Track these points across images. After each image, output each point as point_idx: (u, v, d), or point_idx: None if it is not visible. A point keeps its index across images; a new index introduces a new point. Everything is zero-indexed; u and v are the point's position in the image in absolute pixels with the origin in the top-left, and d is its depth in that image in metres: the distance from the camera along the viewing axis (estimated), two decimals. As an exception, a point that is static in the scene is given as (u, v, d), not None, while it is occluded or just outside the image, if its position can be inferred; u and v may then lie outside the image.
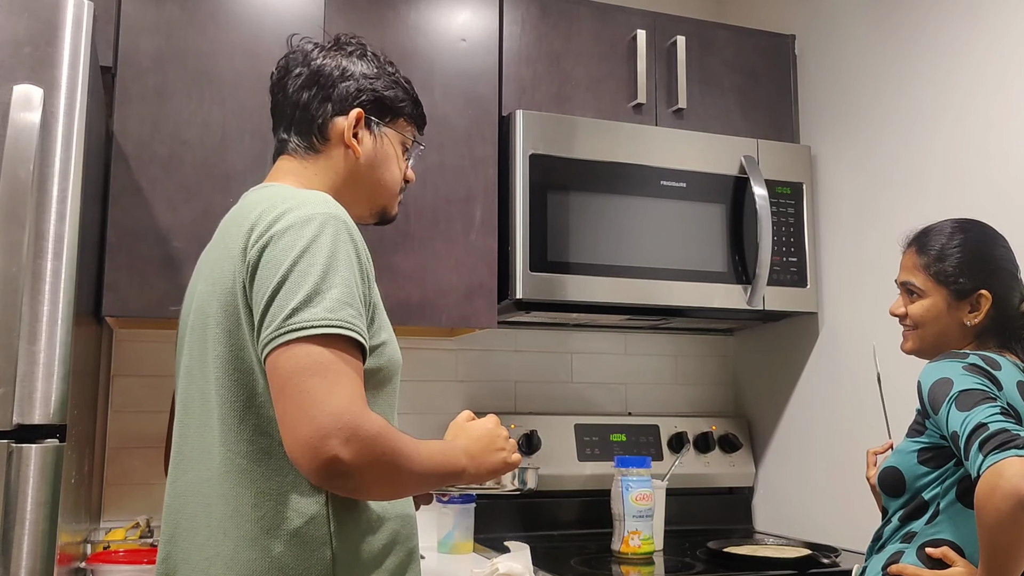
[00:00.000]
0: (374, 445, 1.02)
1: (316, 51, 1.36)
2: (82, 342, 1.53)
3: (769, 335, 2.59)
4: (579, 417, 2.48)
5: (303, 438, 1.01)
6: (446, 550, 2.17)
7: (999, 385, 1.44)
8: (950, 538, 1.46)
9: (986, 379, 1.43)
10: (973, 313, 1.58)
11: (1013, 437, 1.30)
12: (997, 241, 1.63)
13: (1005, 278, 1.59)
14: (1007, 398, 1.43)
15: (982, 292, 1.57)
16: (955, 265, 1.60)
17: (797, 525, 2.42)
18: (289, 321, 1.05)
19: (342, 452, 1.00)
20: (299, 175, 1.32)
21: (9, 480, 1.24)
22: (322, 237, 1.11)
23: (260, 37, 1.98)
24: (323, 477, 1.02)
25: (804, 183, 2.37)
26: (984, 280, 1.58)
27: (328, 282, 1.07)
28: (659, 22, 2.36)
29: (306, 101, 1.33)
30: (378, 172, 1.35)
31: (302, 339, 1.04)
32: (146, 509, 2.11)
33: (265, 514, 1.11)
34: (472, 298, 2.08)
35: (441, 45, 2.13)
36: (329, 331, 1.05)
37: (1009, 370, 1.49)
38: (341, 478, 1.02)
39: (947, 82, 2.04)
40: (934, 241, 1.63)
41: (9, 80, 1.32)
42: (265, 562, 1.10)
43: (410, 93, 1.40)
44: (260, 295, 1.09)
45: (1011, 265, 1.61)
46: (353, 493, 1.08)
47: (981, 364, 1.46)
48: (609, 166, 2.17)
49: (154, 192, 1.88)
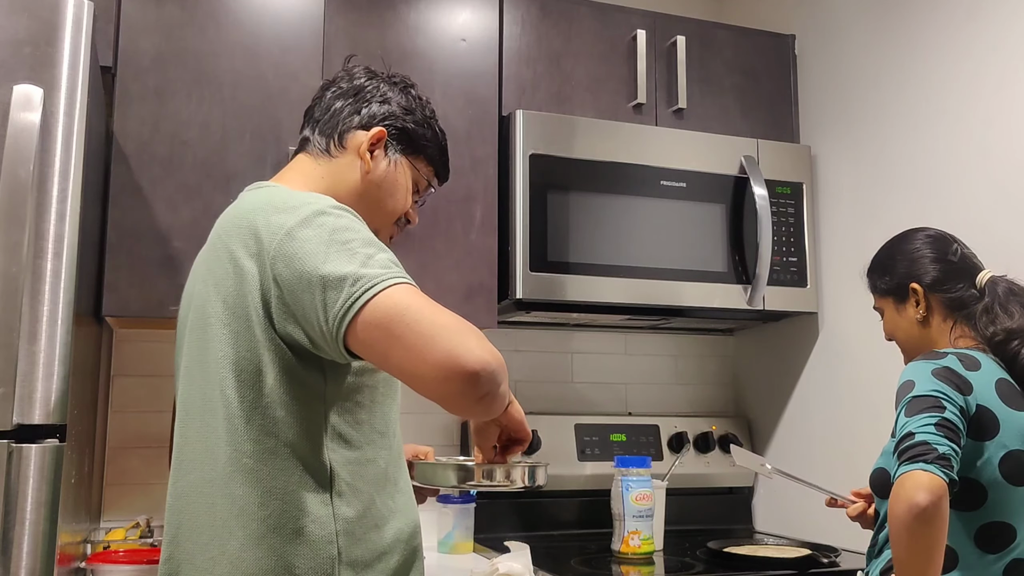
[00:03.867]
0: (484, 343, 1.04)
1: (363, 73, 1.40)
2: (82, 342, 1.53)
3: (769, 335, 2.59)
4: (579, 417, 2.48)
5: (438, 363, 1.01)
6: (446, 550, 2.17)
7: (967, 389, 1.44)
8: (951, 546, 1.44)
9: (950, 385, 1.43)
10: (918, 307, 1.63)
11: (928, 451, 1.33)
12: (913, 236, 1.68)
13: (926, 264, 1.63)
14: (977, 400, 1.43)
15: (911, 285, 1.63)
16: (879, 271, 1.70)
17: (797, 525, 2.42)
18: (357, 286, 1.05)
19: (475, 359, 1.01)
20: (307, 175, 1.33)
21: (9, 480, 1.24)
22: (342, 219, 1.13)
23: (260, 37, 1.99)
24: (468, 389, 1.02)
25: (804, 183, 2.37)
26: (907, 272, 1.65)
27: (369, 249, 1.10)
28: (659, 22, 2.36)
29: (338, 108, 1.36)
30: (383, 194, 1.36)
31: (377, 295, 1.04)
32: (146, 509, 2.11)
33: (271, 513, 1.11)
34: (472, 298, 2.08)
35: (441, 45, 2.13)
36: (396, 282, 1.06)
37: (989, 369, 1.49)
38: (485, 383, 1.02)
39: (947, 82, 2.04)
40: (870, 263, 1.74)
41: (9, 80, 1.32)
42: (271, 560, 1.10)
43: (439, 140, 1.42)
44: (307, 283, 1.08)
45: (933, 251, 1.63)
46: (487, 400, 1.05)
47: (954, 367, 1.46)
48: (609, 166, 2.17)
49: (154, 192, 1.88)
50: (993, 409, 1.43)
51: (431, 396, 1.04)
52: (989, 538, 1.43)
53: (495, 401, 1.07)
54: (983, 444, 1.42)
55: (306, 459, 1.14)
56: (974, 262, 1.63)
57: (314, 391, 1.15)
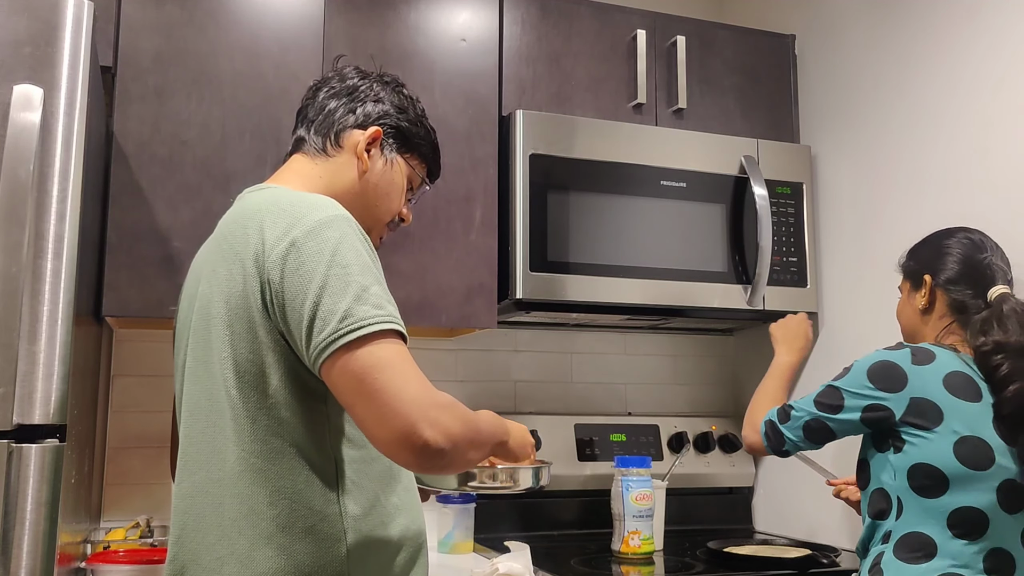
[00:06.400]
0: (453, 419, 1.06)
1: (355, 72, 1.41)
2: (82, 342, 1.53)
3: (769, 335, 2.59)
4: (579, 417, 2.48)
5: (395, 432, 1.03)
6: (446, 550, 2.17)
7: (899, 386, 1.55)
8: (923, 531, 1.50)
9: (877, 385, 1.57)
10: (924, 298, 1.68)
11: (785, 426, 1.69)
12: (953, 232, 1.71)
13: (946, 261, 1.66)
14: (911, 394, 1.53)
15: (925, 276, 1.69)
16: (910, 253, 1.76)
17: (797, 525, 2.42)
18: (344, 323, 1.06)
19: (432, 436, 1.03)
20: (305, 176, 1.33)
21: (9, 480, 1.24)
22: (346, 238, 1.13)
23: (260, 37, 1.98)
24: (421, 462, 1.05)
25: (804, 183, 2.37)
26: (928, 263, 1.70)
27: (366, 280, 1.10)
28: (659, 22, 2.36)
29: (332, 108, 1.37)
30: (379, 192, 1.37)
31: (361, 339, 1.06)
32: (146, 509, 2.11)
33: (280, 512, 1.12)
34: (472, 298, 2.08)
35: (441, 45, 2.13)
36: (383, 327, 1.07)
37: (942, 363, 1.56)
38: (437, 458, 1.05)
39: (947, 82, 2.04)
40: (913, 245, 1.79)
41: (9, 80, 1.32)
42: (281, 560, 1.11)
43: (431, 138, 1.44)
44: (299, 302, 1.09)
45: (961, 251, 1.66)
46: (448, 468, 1.09)
47: (899, 362, 1.57)
48: (609, 166, 2.17)
49: (154, 192, 1.88)
50: (934, 399, 1.52)
51: (383, 453, 1.07)
52: (961, 524, 1.48)
53: (456, 468, 1.12)
54: (927, 432, 1.51)
55: (313, 459, 1.14)
56: (994, 274, 1.64)
57: (316, 392, 1.16)
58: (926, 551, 1.49)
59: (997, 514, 1.48)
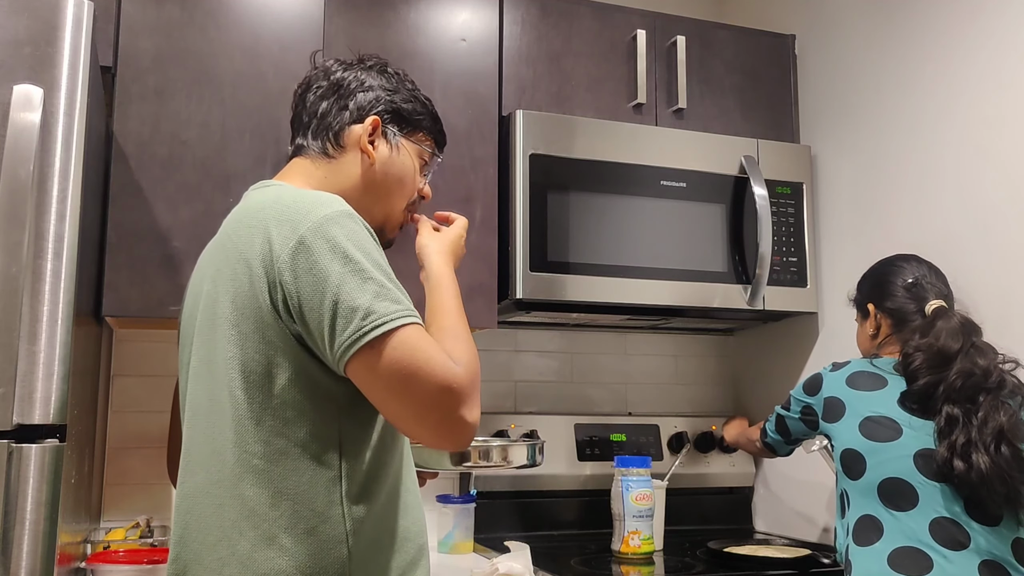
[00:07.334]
0: (476, 390, 1.13)
1: (337, 66, 1.39)
2: (82, 342, 1.53)
3: (769, 335, 2.59)
4: (579, 417, 2.48)
5: (436, 424, 1.10)
6: (446, 550, 2.17)
7: (816, 390, 1.81)
8: (868, 512, 1.63)
9: (807, 392, 1.85)
10: (871, 325, 1.85)
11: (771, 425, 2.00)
12: (888, 261, 1.88)
13: (890, 290, 1.82)
14: (824, 395, 1.78)
15: (868, 305, 1.87)
16: (857, 287, 1.95)
17: (797, 525, 2.42)
18: (368, 320, 1.08)
19: (472, 418, 1.11)
20: (309, 176, 1.33)
21: (9, 480, 1.24)
22: (354, 234, 1.14)
23: (260, 37, 1.98)
24: (463, 444, 1.13)
25: (804, 183, 2.37)
26: (870, 294, 1.88)
27: (381, 275, 1.12)
28: (659, 22, 2.36)
29: (324, 110, 1.35)
30: (392, 180, 1.36)
31: (386, 335, 1.08)
32: (146, 509, 2.11)
33: (283, 514, 1.12)
34: (472, 298, 2.08)
35: (441, 45, 2.13)
36: (404, 322, 1.10)
37: (851, 367, 1.77)
38: (472, 435, 1.13)
39: (948, 81, 2.04)
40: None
41: (9, 80, 1.32)
42: (283, 561, 1.11)
43: (428, 109, 1.42)
44: (317, 301, 1.09)
45: (902, 278, 1.82)
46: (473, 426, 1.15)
47: (823, 373, 1.82)
48: (609, 166, 2.17)
49: (154, 192, 1.88)
50: (840, 396, 1.75)
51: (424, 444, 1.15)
52: (891, 496, 1.60)
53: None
54: (837, 423, 1.73)
55: (317, 459, 1.14)
56: (927, 292, 1.79)
57: (328, 391, 1.15)
58: (875, 530, 1.61)
59: (920, 481, 1.57)
